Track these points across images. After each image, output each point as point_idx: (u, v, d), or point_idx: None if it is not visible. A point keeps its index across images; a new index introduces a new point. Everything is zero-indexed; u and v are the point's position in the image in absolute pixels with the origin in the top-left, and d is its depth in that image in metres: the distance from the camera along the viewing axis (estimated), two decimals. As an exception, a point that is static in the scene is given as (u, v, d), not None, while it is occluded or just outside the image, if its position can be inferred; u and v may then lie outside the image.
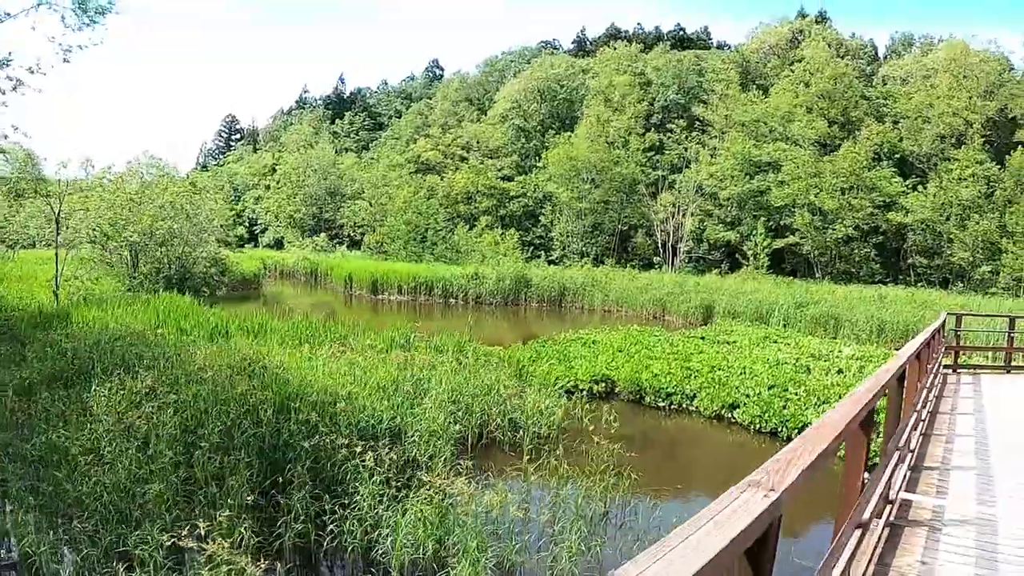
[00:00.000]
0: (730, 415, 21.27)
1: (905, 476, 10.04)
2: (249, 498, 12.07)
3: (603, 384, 23.56)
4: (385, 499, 12.03)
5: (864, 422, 6.25)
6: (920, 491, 10.14)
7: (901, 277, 67.05)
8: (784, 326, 39.56)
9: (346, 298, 59.93)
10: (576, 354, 26.64)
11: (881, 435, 9.89)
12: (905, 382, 9.08)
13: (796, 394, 20.83)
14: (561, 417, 18.95)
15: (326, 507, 11.83)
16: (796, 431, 18.15)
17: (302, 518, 11.76)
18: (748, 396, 21.22)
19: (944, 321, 20.10)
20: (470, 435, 17.43)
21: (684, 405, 22.48)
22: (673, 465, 18.92)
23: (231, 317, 30.27)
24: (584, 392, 22.69)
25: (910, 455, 10.89)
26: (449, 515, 11.66)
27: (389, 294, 57.95)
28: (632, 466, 14.98)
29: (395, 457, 13.38)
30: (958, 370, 23.17)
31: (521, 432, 17.68)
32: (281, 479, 12.55)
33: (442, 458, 14.61)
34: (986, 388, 20.16)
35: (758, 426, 20.10)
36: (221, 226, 57.27)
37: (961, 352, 25.14)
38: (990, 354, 28.62)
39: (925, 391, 13.24)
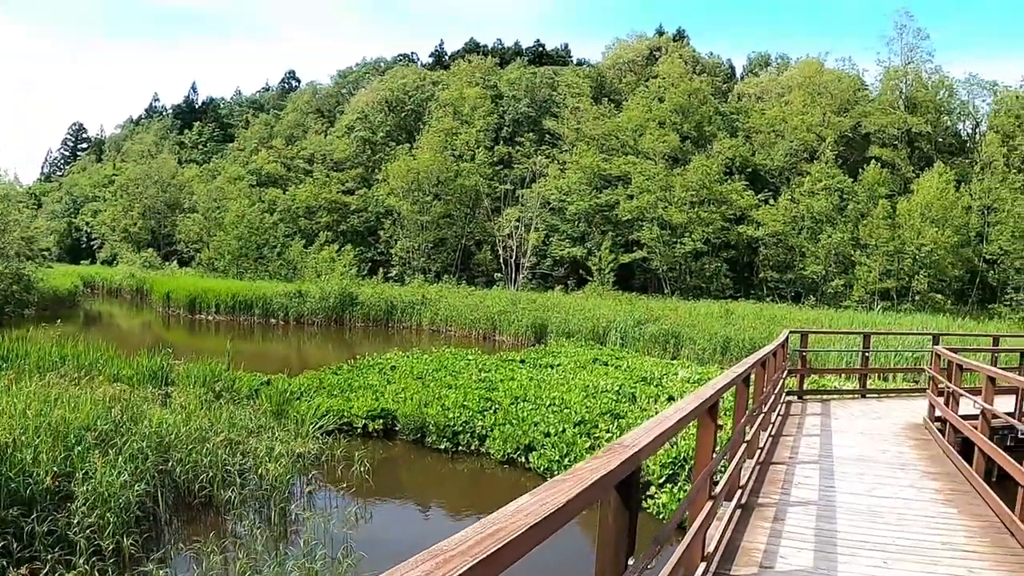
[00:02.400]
0: (524, 459, 16.77)
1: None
2: None
3: (381, 421, 19.16)
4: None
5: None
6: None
7: (753, 292, 66.05)
8: (621, 345, 36.90)
9: (164, 318, 54.66)
10: (363, 383, 22.28)
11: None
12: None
13: (608, 431, 16.63)
14: (289, 468, 14.40)
15: None
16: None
17: None
18: (548, 436, 16.91)
19: (786, 340, 17.21)
20: (162, 496, 12.83)
21: (473, 447, 18.03)
22: (414, 530, 14.09)
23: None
24: (359, 431, 18.71)
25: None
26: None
27: (207, 314, 52.45)
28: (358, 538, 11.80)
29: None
30: (804, 396, 19.56)
31: (232, 491, 13.22)
32: None
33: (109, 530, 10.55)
34: (835, 424, 16.27)
35: (555, 473, 15.60)
36: (24, 239, 51.19)
37: (808, 375, 21.57)
38: (842, 376, 25.24)
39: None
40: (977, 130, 78.90)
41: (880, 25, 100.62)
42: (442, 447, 18.08)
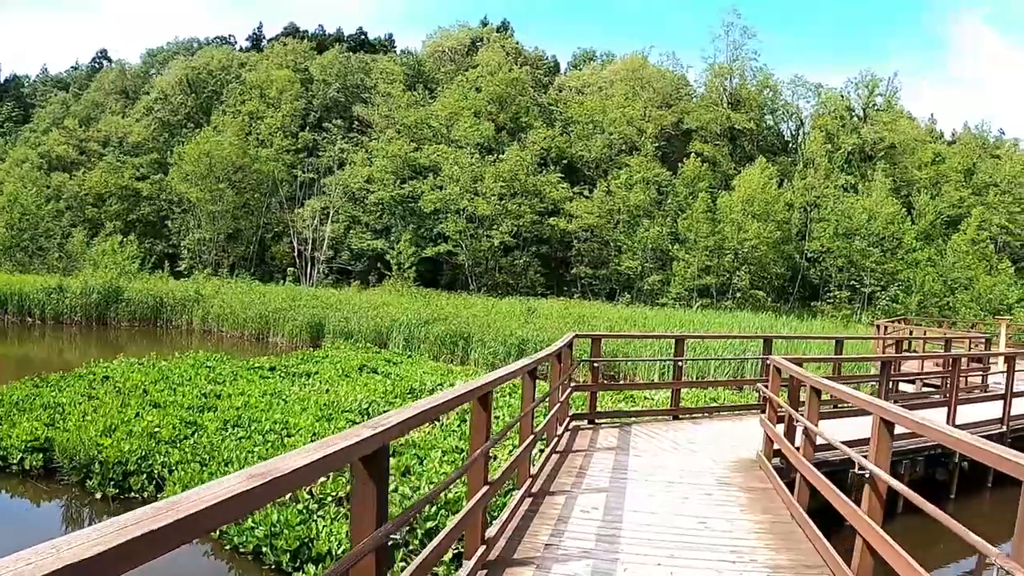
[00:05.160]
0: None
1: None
2: None
3: (42, 455, 13.86)
4: None
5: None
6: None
7: (566, 289, 64.24)
8: (405, 348, 32.37)
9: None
10: (49, 400, 16.87)
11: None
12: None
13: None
14: None
15: None
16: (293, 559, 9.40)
17: None
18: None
19: (569, 345, 12.42)
20: None
21: (148, 493, 12.30)
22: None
23: None
24: (14, 466, 13.31)
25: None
26: None
27: (-52, 313, 44.83)
28: None
29: None
30: (598, 420, 14.18)
31: None
32: None
33: None
34: (634, 466, 10.79)
35: (234, 541, 9.97)
36: None
37: (601, 391, 16.81)
38: (652, 392, 20.41)
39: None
40: (801, 130, 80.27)
41: (709, 26, 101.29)
42: (106, 493, 12.78)
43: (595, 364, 14.22)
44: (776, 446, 10.41)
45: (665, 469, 10.59)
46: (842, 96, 76.31)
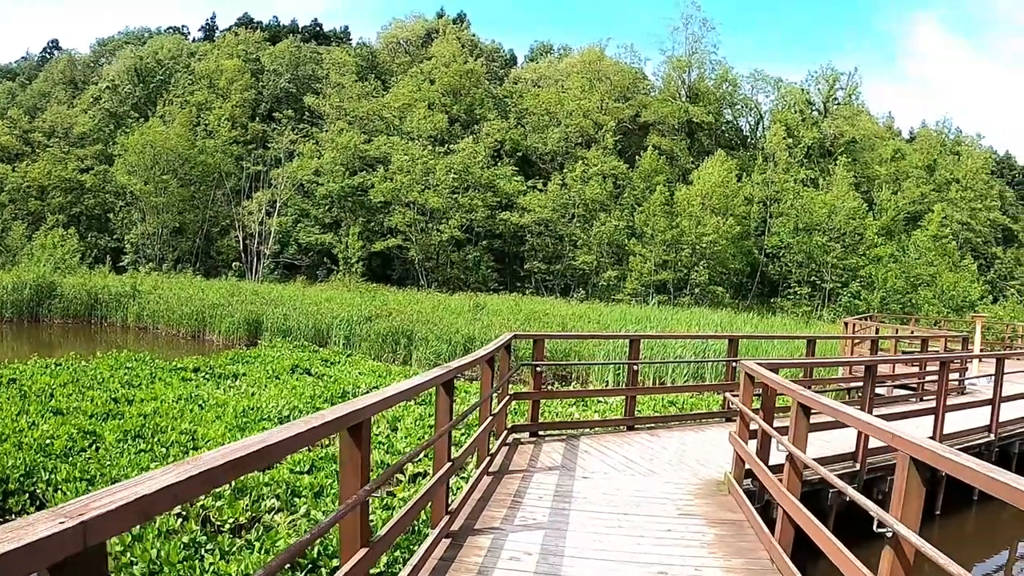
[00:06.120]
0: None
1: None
2: None
3: None
4: None
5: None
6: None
7: (519, 285, 62.85)
8: (345, 346, 30.75)
9: None
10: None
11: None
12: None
13: (219, 502, 10.08)
14: None
15: None
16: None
17: None
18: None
19: (508, 346, 10.85)
20: None
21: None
22: None
23: None
24: None
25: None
26: None
27: None
28: None
29: None
30: (542, 432, 12.30)
31: None
32: None
33: None
34: (579, 491, 9.10)
35: None
36: None
37: (544, 399, 15.05)
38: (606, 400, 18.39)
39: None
40: (760, 124, 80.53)
41: (668, 19, 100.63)
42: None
43: (538, 368, 12.32)
44: (747, 466, 8.85)
45: (617, 496, 8.90)
46: (802, 90, 76.25)
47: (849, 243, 60.16)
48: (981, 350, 24.65)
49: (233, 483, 9.56)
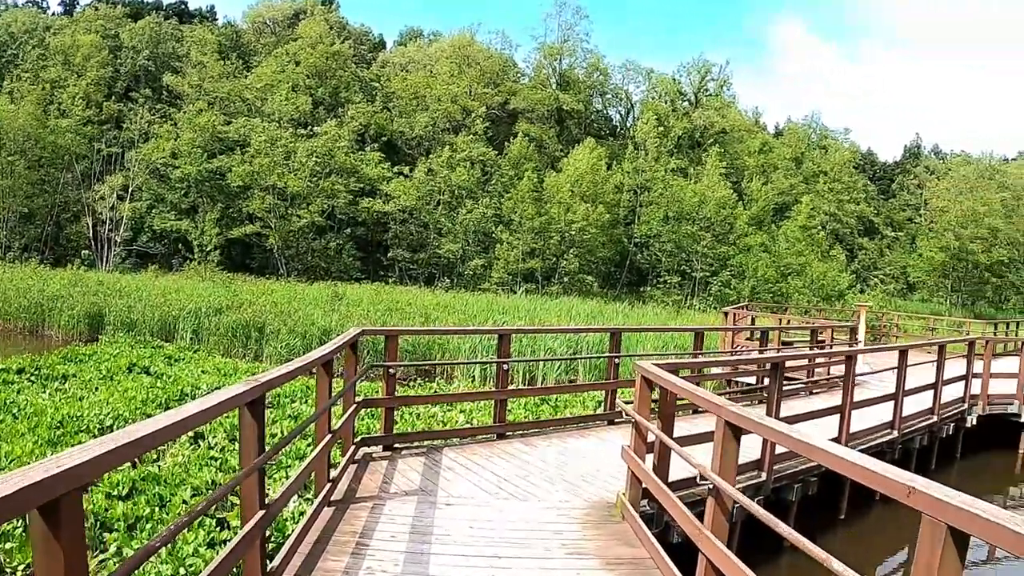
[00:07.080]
0: None
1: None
2: None
3: None
4: None
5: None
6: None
7: (383, 274, 61.21)
8: (194, 341, 28.45)
9: None
10: None
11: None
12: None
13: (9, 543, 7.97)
14: None
15: None
16: None
17: None
18: None
19: (354, 344, 9.08)
20: None
21: None
22: None
23: None
24: None
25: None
26: None
27: None
28: None
29: None
30: (398, 446, 10.37)
31: None
32: None
33: None
34: (440, 525, 7.37)
35: None
36: None
37: (402, 405, 13.51)
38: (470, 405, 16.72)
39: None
40: (631, 114, 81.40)
41: (541, 5, 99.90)
42: None
43: (391, 371, 10.32)
44: (645, 485, 7.34)
45: (489, 529, 7.25)
46: (674, 80, 76.94)
47: (719, 232, 60.48)
48: (864, 341, 23.96)
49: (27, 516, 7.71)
